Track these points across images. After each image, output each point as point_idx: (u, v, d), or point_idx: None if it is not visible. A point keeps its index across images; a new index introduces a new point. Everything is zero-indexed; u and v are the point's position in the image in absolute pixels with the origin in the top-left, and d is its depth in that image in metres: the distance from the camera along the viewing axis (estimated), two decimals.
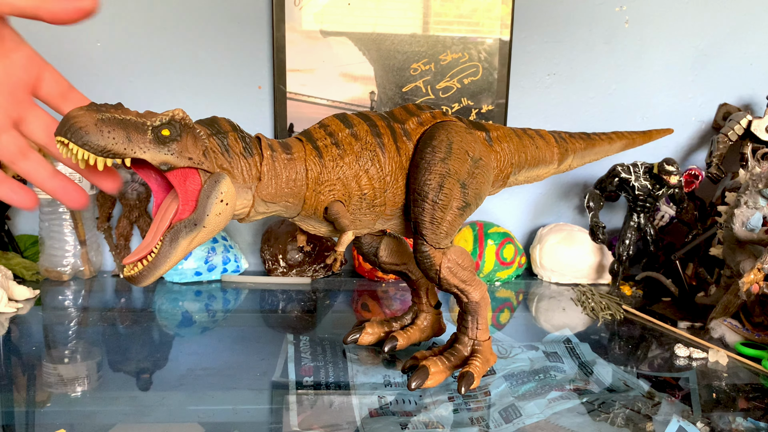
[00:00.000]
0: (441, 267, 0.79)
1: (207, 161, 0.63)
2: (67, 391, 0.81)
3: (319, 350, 0.95)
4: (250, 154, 0.69)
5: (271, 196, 0.72)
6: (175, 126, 0.60)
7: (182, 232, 0.61)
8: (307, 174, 0.74)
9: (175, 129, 0.59)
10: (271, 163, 0.71)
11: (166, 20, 1.35)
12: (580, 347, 1.00)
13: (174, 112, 0.60)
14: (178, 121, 0.60)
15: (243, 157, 0.68)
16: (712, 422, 0.77)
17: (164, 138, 0.59)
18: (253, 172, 0.69)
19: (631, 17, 1.44)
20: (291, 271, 1.36)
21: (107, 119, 0.54)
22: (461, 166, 0.80)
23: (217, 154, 0.65)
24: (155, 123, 0.58)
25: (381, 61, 1.39)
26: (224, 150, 0.66)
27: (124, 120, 0.56)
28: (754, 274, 0.95)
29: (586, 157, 1.00)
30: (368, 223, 0.82)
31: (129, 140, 0.56)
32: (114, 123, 0.55)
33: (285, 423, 0.74)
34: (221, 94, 1.39)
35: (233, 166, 0.67)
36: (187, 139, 0.61)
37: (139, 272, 0.61)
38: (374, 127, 0.79)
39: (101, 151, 0.54)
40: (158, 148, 0.58)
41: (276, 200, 0.73)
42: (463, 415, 0.77)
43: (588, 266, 1.38)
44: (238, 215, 0.71)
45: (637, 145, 1.07)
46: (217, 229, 0.64)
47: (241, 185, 0.68)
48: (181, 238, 0.61)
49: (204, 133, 0.64)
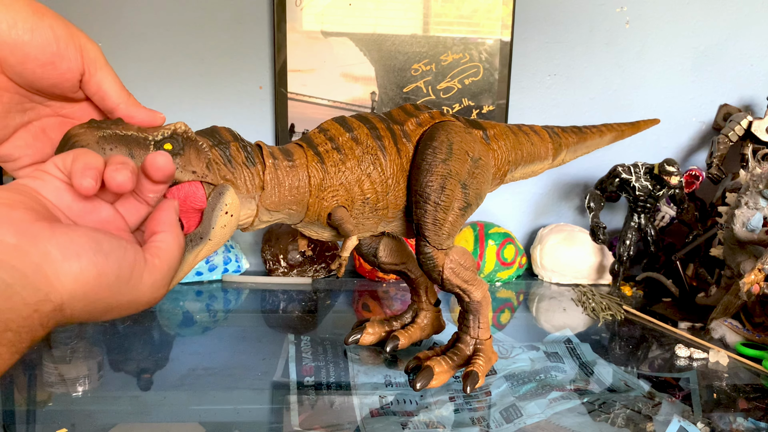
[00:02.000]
0: (444, 268, 0.79)
1: (210, 174, 0.62)
2: (68, 391, 0.81)
3: (320, 350, 0.95)
4: (252, 164, 0.68)
5: (275, 205, 0.71)
6: (178, 140, 0.58)
7: (188, 246, 0.60)
8: (309, 180, 0.73)
9: (177, 143, 0.58)
10: (274, 172, 0.70)
11: (166, 21, 1.35)
12: (581, 347, 1.00)
13: (176, 126, 0.59)
14: (180, 135, 0.59)
15: (246, 167, 0.67)
16: (713, 422, 0.78)
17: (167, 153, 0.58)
18: (256, 181, 0.68)
19: (631, 18, 1.44)
20: (292, 271, 1.36)
21: (108, 136, 0.53)
22: (462, 167, 0.80)
23: (220, 166, 0.64)
24: (157, 137, 0.57)
25: (382, 61, 1.39)
26: (227, 161, 0.65)
27: (126, 136, 0.55)
28: (754, 275, 0.95)
29: (579, 151, 1.01)
30: (371, 226, 0.81)
31: (132, 156, 0.54)
32: (116, 140, 0.53)
33: (286, 423, 0.74)
34: (222, 94, 1.39)
35: (236, 176, 0.66)
36: (190, 153, 0.60)
37: None
38: (374, 130, 0.79)
39: None
40: None
41: (280, 208, 0.72)
42: (464, 415, 0.77)
43: (588, 267, 1.38)
44: (242, 225, 0.70)
45: (626, 137, 1.07)
46: (222, 241, 0.63)
47: (245, 195, 0.67)
48: (187, 252, 0.59)
49: (206, 145, 0.63)
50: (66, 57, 0.48)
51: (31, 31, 0.46)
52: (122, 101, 0.54)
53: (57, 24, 0.48)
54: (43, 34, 0.47)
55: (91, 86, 0.52)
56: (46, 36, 0.47)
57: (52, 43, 0.47)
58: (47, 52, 0.47)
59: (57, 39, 0.47)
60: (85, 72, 0.51)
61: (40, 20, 0.47)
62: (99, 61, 0.51)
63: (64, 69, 0.49)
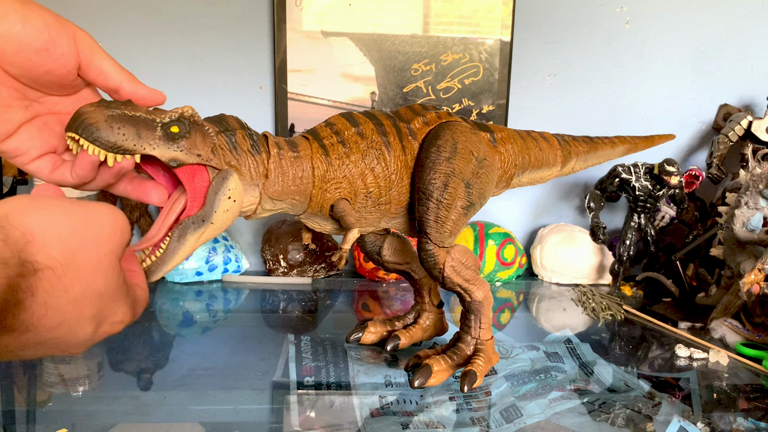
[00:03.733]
0: (445, 266, 0.79)
1: (215, 158, 0.63)
2: (68, 391, 0.81)
3: (320, 350, 0.95)
4: (257, 152, 0.69)
5: (278, 194, 0.73)
6: (184, 123, 0.60)
7: (190, 228, 0.61)
8: (313, 172, 0.75)
9: (184, 126, 0.60)
10: (278, 161, 0.72)
11: (167, 21, 1.35)
12: (581, 347, 1.00)
13: (183, 109, 0.60)
14: (187, 118, 0.60)
15: (250, 154, 0.68)
16: (713, 422, 0.78)
17: (173, 135, 0.59)
18: (260, 169, 0.70)
19: (631, 18, 1.44)
20: (292, 271, 1.36)
21: (117, 116, 0.55)
22: (466, 166, 0.80)
23: (225, 151, 0.65)
24: (164, 120, 0.59)
25: (382, 61, 1.39)
26: (232, 147, 0.66)
27: (134, 116, 0.56)
28: (754, 275, 0.95)
29: (589, 161, 1.01)
30: (373, 221, 0.82)
31: (139, 137, 0.56)
32: (124, 119, 0.55)
33: (286, 423, 0.74)
34: (222, 94, 1.39)
35: (241, 163, 0.67)
36: (196, 136, 0.61)
37: (147, 268, 0.62)
38: (380, 126, 0.80)
39: (111, 147, 0.54)
40: (167, 144, 0.59)
41: (282, 197, 0.73)
42: (465, 415, 0.77)
43: (588, 267, 1.38)
44: (245, 212, 0.71)
45: (639, 150, 1.07)
46: (224, 226, 0.65)
47: (249, 182, 0.69)
48: (189, 234, 0.61)
49: (212, 131, 0.64)
50: (59, 43, 0.50)
51: (22, 21, 0.48)
52: (124, 79, 0.56)
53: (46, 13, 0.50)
54: (35, 22, 0.49)
55: (91, 70, 0.54)
56: (37, 24, 0.49)
57: (43, 31, 0.49)
58: (40, 39, 0.49)
59: (48, 27, 0.49)
60: (81, 58, 0.52)
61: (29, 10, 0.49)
62: (93, 46, 0.53)
63: (58, 54, 0.51)
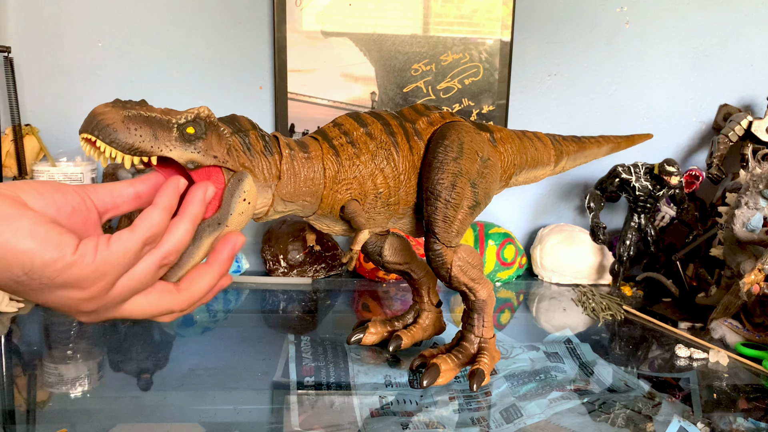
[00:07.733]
0: (452, 265, 0.80)
1: (231, 160, 0.62)
2: (68, 391, 0.81)
3: (320, 350, 0.95)
4: (270, 153, 0.69)
5: (290, 195, 0.72)
6: (200, 124, 0.59)
7: (206, 231, 0.60)
8: (324, 173, 0.74)
9: (200, 127, 0.59)
10: (290, 162, 0.71)
11: (167, 21, 1.35)
12: (581, 347, 1.00)
13: (199, 110, 0.59)
14: (203, 119, 0.59)
15: (264, 155, 0.68)
16: (713, 423, 0.78)
17: (189, 136, 0.58)
18: (273, 170, 0.69)
19: (631, 18, 1.44)
20: (292, 271, 1.36)
21: (134, 116, 0.54)
22: (472, 166, 0.81)
23: (240, 153, 0.65)
24: (180, 120, 0.58)
25: (382, 61, 1.39)
26: (246, 148, 0.66)
27: (150, 117, 0.55)
28: (754, 275, 0.95)
29: (578, 160, 1.03)
30: (382, 221, 0.82)
31: (155, 138, 0.55)
32: (140, 120, 0.54)
33: (286, 423, 0.74)
34: (222, 94, 1.39)
35: (254, 164, 0.66)
36: (212, 137, 0.60)
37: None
38: (388, 126, 0.80)
39: (129, 149, 0.53)
40: (184, 146, 0.58)
41: (294, 199, 0.73)
42: (465, 415, 0.77)
43: (588, 267, 1.38)
44: (257, 214, 0.70)
45: (621, 149, 1.10)
46: (239, 228, 0.63)
47: (262, 184, 0.68)
48: (205, 237, 0.59)
49: (227, 131, 0.63)
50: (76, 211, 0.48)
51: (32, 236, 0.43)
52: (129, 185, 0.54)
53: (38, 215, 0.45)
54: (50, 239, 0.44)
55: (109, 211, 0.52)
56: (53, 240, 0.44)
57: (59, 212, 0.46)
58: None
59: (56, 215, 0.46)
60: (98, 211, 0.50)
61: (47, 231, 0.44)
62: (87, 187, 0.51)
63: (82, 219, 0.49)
